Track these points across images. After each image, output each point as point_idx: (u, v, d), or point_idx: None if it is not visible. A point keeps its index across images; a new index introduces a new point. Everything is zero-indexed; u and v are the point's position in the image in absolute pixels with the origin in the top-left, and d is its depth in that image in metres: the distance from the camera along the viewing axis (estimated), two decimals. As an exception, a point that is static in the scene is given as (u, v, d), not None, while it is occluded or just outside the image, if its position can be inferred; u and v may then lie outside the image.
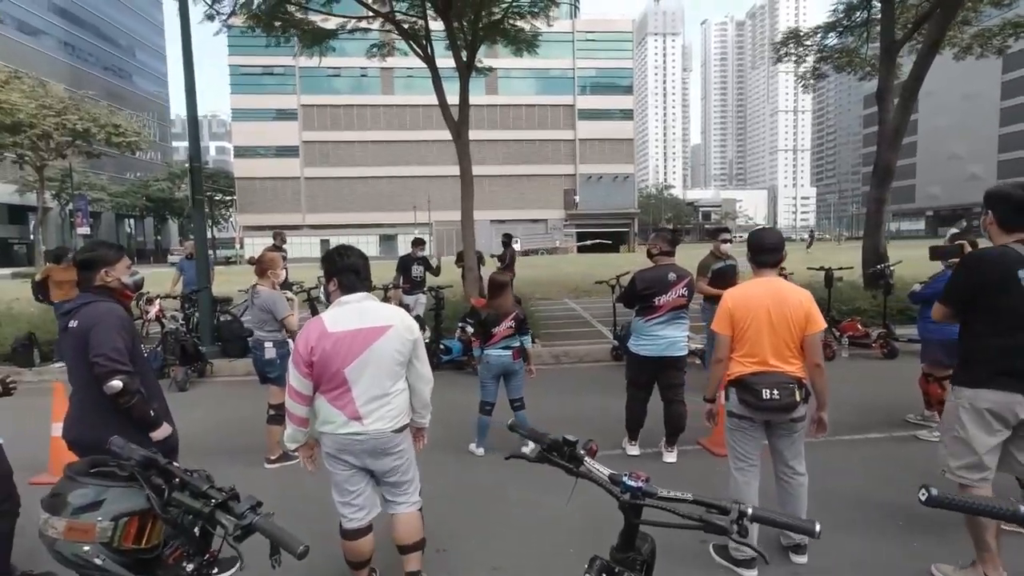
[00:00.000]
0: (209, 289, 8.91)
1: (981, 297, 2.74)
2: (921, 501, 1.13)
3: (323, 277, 2.78)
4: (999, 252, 2.72)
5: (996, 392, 2.65)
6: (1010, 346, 2.64)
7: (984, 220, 2.84)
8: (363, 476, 2.68)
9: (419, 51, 10.68)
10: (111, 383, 2.38)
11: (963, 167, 67.85)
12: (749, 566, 2.99)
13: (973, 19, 11.39)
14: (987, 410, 2.66)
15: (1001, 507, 1.08)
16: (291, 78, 55.06)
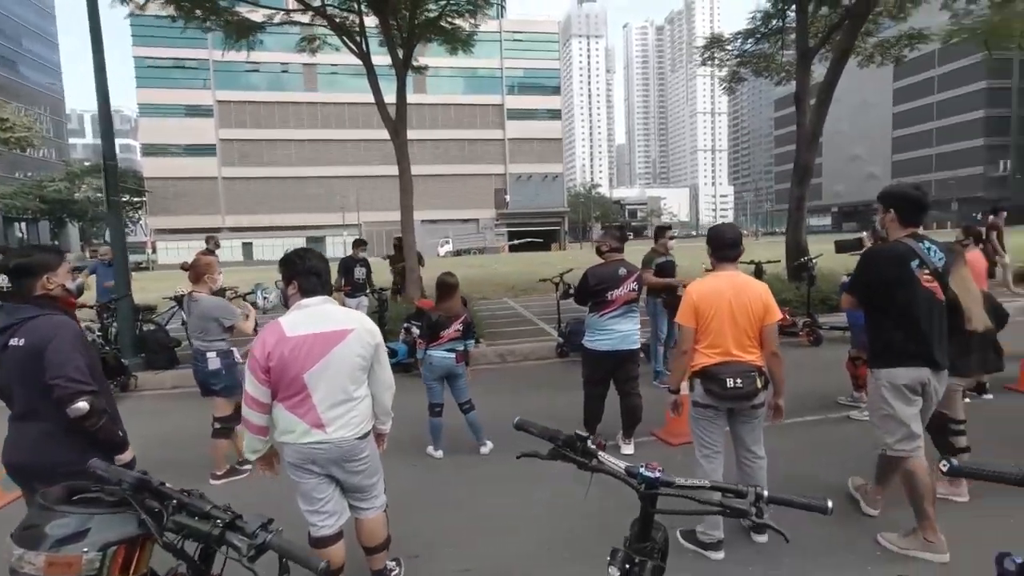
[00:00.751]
0: (130, 297, 8.30)
1: (882, 288, 3.10)
2: (943, 472, 1.23)
3: (281, 281, 2.68)
4: (894, 247, 3.09)
5: (907, 369, 3.05)
6: (911, 331, 3.03)
7: (884, 217, 3.18)
8: (330, 482, 2.60)
9: (353, 47, 10.38)
10: (76, 406, 2.11)
11: (862, 167, 73.60)
12: (716, 548, 3.12)
13: (874, 30, 12.36)
14: (904, 385, 3.05)
15: (1009, 473, 1.20)
16: (204, 72, 52.02)
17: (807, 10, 10.79)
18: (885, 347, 3.14)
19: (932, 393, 3.09)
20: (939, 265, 3.07)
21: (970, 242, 5.94)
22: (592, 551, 3.29)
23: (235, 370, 4.40)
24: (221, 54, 11.25)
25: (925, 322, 3.03)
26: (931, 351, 3.04)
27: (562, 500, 3.91)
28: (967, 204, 59.37)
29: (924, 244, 3.07)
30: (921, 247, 3.05)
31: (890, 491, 3.39)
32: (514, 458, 4.71)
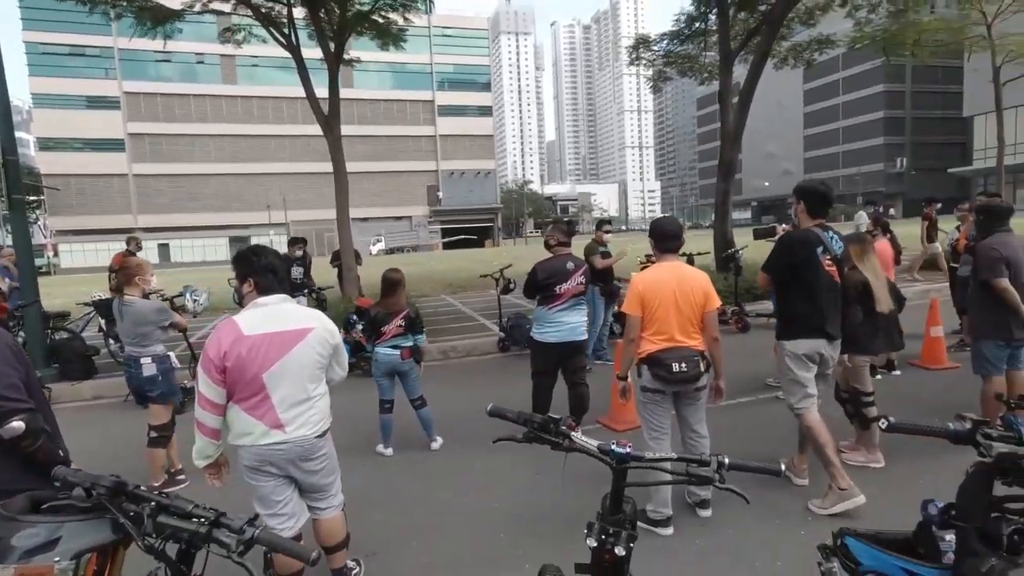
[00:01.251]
0: (38, 303, 7.69)
1: (792, 270, 3.56)
2: (882, 429, 1.39)
3: (235, 279, 2.61)
4: (804, 234, 3.56)
5: (807, 340, 3.54)
6: (814, 308, 3.50)
7: (796, 208, 3.68)
8: (288, 484, 2.56)
9: (281, 40, 10.01)
10: (10, 425, 1.91)
11: (778, 164, 78.05)
12: (666, 525, 3.29)
13: (788, 35, 13.17)
14: (803, 354, 3.55)
15: (939, 428, 1.37)
16: (108, 60, 48.08)
17: (728, 14, 11.36)
18: (790, 321, 3.64)
19: (828, 359, 3.61)
20: (838, 252, 3.56)
21: (879, 233, 6.48)
22: (549, 536, 3.42)
23: (171, 375, 4.21)
24: (128, 41, 10.50)
25: (824, 300, 3.50)
26: (827, 325, 3.52)
27: (516, 491, 4.00)
28: (870, 196, 64.20)
29: (828, 233, 3.55)
30: (826, 236, 3.52)
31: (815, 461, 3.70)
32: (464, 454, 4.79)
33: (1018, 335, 4.02)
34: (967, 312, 4.81)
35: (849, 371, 4.07)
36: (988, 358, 4.10)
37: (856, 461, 4.01)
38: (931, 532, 1.40)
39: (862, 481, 3.50)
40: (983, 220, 4.32)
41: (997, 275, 3.97)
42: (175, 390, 4.36)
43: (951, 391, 5.39)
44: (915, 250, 13.23)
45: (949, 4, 15.27)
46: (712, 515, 3.44)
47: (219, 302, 10.31)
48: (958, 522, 1.33)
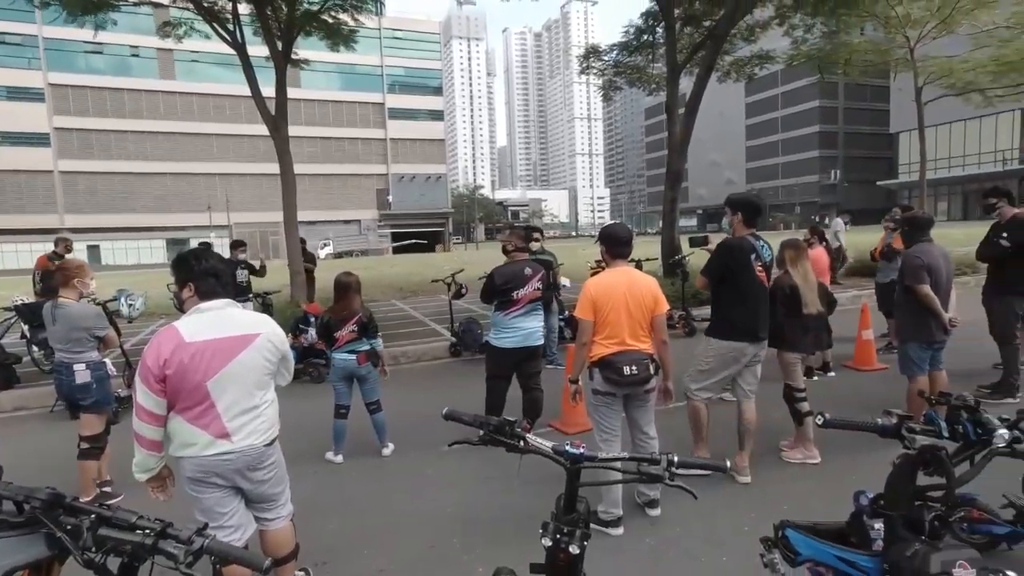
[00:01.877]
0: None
1: (728, 275, 3.86)
2: (818, 424, 1.47)
3: (174, 284, 2.50)
4: (740, 242, 3.85)
5: (735, 343, 3.84)
6: (744, 311, 3.81)
7: (732, 218, 3.94)
8: (234, 495, 2.47)
9: (225, 36, 9.69)
10: None
11: (721, 173, 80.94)
12: (616, 525, 3.36)
13: (730, 50, 13.73)
14: (728, 355, 3.87)
15: (869, 423, 1.47)
16: (32, 50, 44.81)
17: (674, 28, 11.74)
18: (721, 321, 3.95)
19: (752, 359, 3.92)
20: (768, 259, 3.90)
21: (815, 240, 6.83)
22: (503, 539, 3.43)
23: (106, 383, 3.99)
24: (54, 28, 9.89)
25: (754, 303, 3.82)
26: (756, 327, 3.85)
27: (468, 495, 4.00)
28: (807, 207, 67.48)
29: (760, 242, 3.87)
30: (757, 244, 3.84)
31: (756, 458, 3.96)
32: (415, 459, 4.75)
33: (938, 337, 4.34)
34: (893, 316, 5.13)
35: (782, 368, 4.29)
36: (913, 359, 4.40)
37: (794, 459, 4.21)
38: (862, 521, 1.50)
39: (802, 475, 3.69)
40: (907, 231, 4.64)
41: (920, 281, 4.27)
42: (109, 399, 4.14)
43: (881, 390, 5.71)
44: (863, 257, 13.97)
45: (877, 28, 16.25)
46: (661, 514, 3.54)
47: (155, 307, 9.86)
48: (886, 511, 1.43)
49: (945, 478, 1.33)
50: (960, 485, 1.34)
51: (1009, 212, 5.14)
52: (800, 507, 3.47)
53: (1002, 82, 15.64)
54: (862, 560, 1.45)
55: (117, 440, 4.32)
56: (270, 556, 2.60)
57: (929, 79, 16.12)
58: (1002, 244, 5.07)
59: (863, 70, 18.02)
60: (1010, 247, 5.04)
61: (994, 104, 17.18)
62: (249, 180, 49.78)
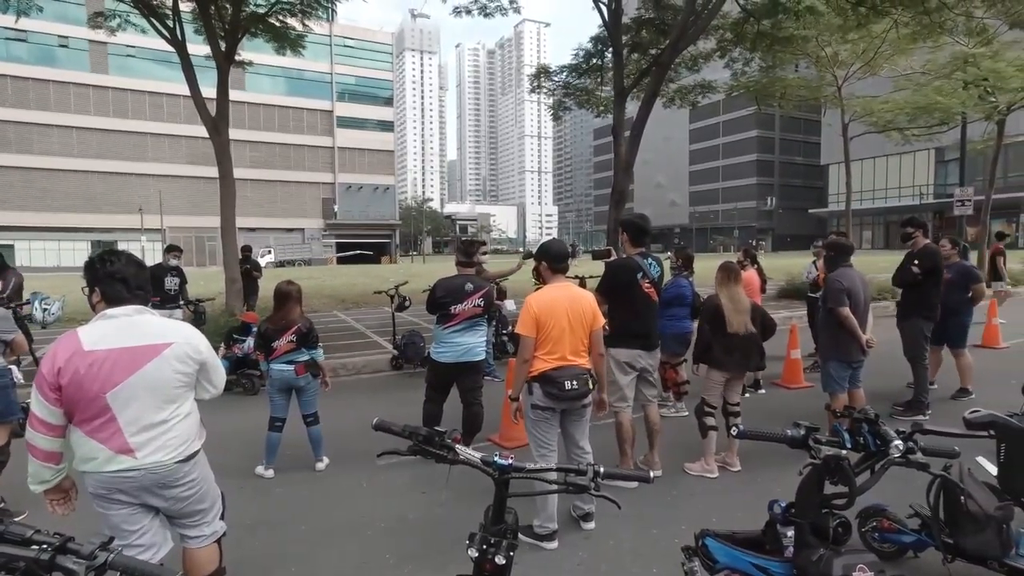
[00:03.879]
0: None
1: (618, 290, 4.18)
2: (733, 435, 1.53)
3: (86, 287, 2.33)
4: (626, 261, 4.20)
5: (627, 350, 4.18)
6: (633, 321, 4.15)
7: (621, 238, 4.31)
8: (145, 512, 2.31)
9: (164, 33, 9.32)
10: None
11: (665, 194, 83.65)
12: (551, 539, 3.38)
13: (675, 78, 14.30)
14: (624, 362, 4.18)
15: (778, 434, 1.54)
16: None
17: (622, 54, 12.14)
18: (615, 333, 4.19)
19: (647, 367, 4.26)
20: (655, 276, 4.22)
21: (747, 263, 7.14)
22: (436, 553, 3.39)
23: (10, 391, 3.71)
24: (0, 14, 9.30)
25: (644, 315, 4.18)
26: (645, 337, 4.20)
27: (402, 509, 3.93)
28: (745, 231, 70.61)
29: (648, 260, 4.20)
30: (644, 262, 4.16)
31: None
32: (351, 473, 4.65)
33: (856, 357, 4.62)
34: (817, 337, 5.40)
35: (702, 382, 4.48)
36: (833, 376, 4.66)
37: (693, 471, 4.38)
38: (776, 529, 1.57)
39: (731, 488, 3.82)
40: (832, 256, 4.93)
41: (840, 304, 4.54)
42: (14, 408, 3.84)
43: (806, 406, 5.98)
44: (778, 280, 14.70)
45: (809, 66, 17.32)
46: (594, 528, 3.58)
47: (75, 312, 9.26)
48: (796, 519, 1.50)
49: (847, 486, 1.42)
50: (861, 493, 1.43)
51: (922, 242, 5.56)
52: (728, 518, 3.58)
53: (917, 123, 16.94)
54: (774, 566, 1.51)
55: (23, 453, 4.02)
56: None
57: (854, 116, 17.29)
58: (913, 271, 5.47)
59: (796, 104, 19.16)
60: (920, 274, 5.44)
61: (912, 142, 18.59)
62: (185, 183, 47.72)
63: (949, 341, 6.05)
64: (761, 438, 1.62)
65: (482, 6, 12.16)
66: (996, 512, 2.78)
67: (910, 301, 5.68)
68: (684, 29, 10.15)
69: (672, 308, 5.51)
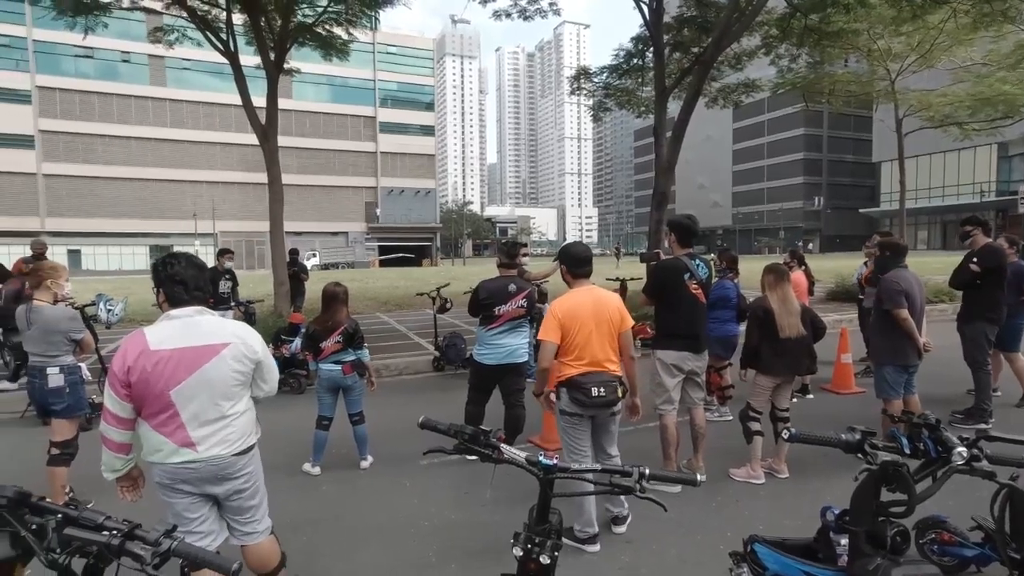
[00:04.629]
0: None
1: (665, 291, 4.15)
2: (784, 439, 1.50)
3: (154, 288, 2.47)
4: (673, 262, 4.16)
5: (674, 352, 4.12)
6: (681, 323, 4.09)
7: (669, 239, 4.28)
8: (205, 501, 2.43)
9: (218, 45, 9.71)
10: None
11: (708, 195, 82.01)
12: (593, 542, 3.36)
13: (718, 76, 14.01)
14: (672, 364, 4.12)
15: (833, 438, 1.50)
16: (20, 51, 44.38)
17: (663, 53, 11.97)
18: (662, 335, 4.20)
19: (695, 369, 4.19)
20: (703, 278, 4.13)
21: (794, 264, 6.94)
22: (479, 552, 3.41)
23: (80, 388, 3.92)
24: (42, 30, 9.87)
25: (689, 318, 4.09)
26: (693, 339, 4.12)
27: (446, 508, 3.97)
28: (791, 232, 68.58)
29: (695, 261, 4.13)
30: (692, 263, 4.10)
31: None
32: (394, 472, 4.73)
33: (913, 361, 4.43)
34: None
35: (748, 387, 4.38)
36: (888, 382, 4.48)
37: (739, 477, 4.29)
38: (828, 537, 1.52)
39: (778, 494, 3.72)
40: (886, 256, 4.73)
41: (899, 306, 4.37)
42: (83, 404, 4.07)
43: (857, 413, 5.77)
44: (827, 282, 14.21)
45: (860, 60, 16.70)
46: (637, 533, 3.54)
47: (136, 313, 9.73)
48: (850, 527, 1.45)
49: (906, 494, 1.36)
50: (921, 501, 1.38)
51: (981, 241, 5.28)
52: (775, 526, 3.49)
53: (978, 116, 16.11)
54: (827, 575, 1.47)
55: (90, 446, 4.25)
56: (256, 572, 2.58)
57: (909, 111, 16.58)
58: (972, 268, 5.20)
59: (846, 100, 18.48)
60: (980, 271, 5.17)
61: (971, 137, 17.67)
62: (236, 189, 49.53)
63: (1001, 344, 5.73)
64: (814, 442, 1.57)
65: (521, 9, 12.18)
66: (1069, 527, 2.62)
67: (972, 303, 5.41)
68: (727, 26, 9.93)
69: (716, 310, 5.41)
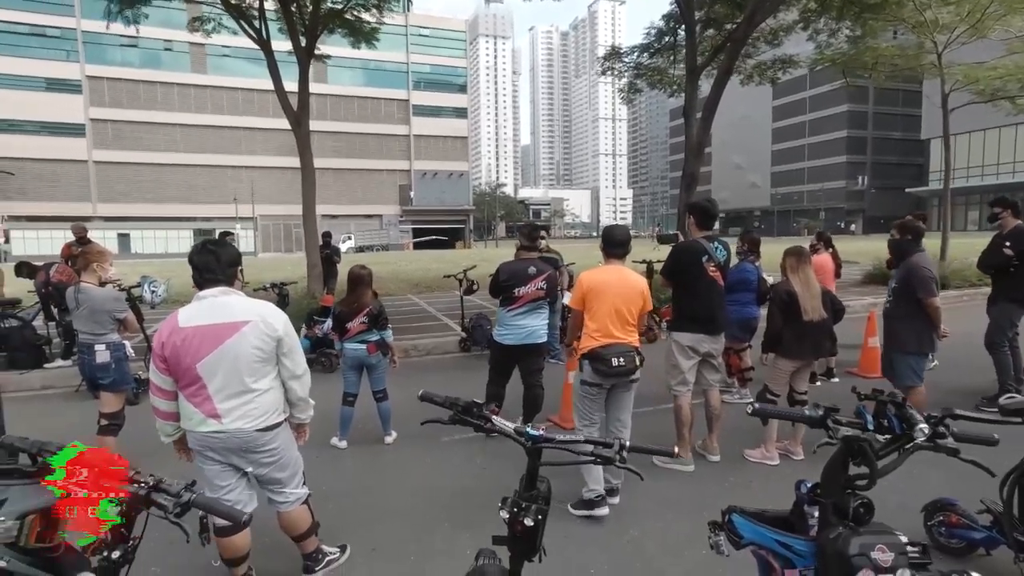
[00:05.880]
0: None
1: (682, 273, 4.17)
2: (748, 413, 1.58)
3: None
4: (691, 244, 4.18)
5: (690, 334, 4.15)
6: (697, 305, 4.12)
7: (688, 222, 4.30)
8: (233, 472, 2.64)
9: (251, 32, 9.97)
10: None
11: (745, 176, 79.91)
12: (601, 504, 3.54)
13: (753, 53, 13.63)
14: (687, 346, 4.15)
15: (797, 413, 1.57)
16: (70, 43, 46.09)
17: (695, 31, 11.72)
18: (678, 316, 4.24)
19: (711, 351, 4.22)
20: (721, 260, 4.15)
21: (821, 247, 6.82)
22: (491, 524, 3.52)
23: (124, 363, 4.22)
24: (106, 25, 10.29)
25: (707, 300, 4.12)
26: (710, 321, 4.15)
27: (463, 482, 4.15)
28: (832, 213, 66.45)
29: (714, 244, 4.15)
30: (710, 246, 4.12)
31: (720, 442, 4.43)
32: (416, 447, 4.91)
33: (933, 348, 4.39)
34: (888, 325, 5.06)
35: (767, 370, 4.39)
36: (915, 370, 4.35)
37: (754, 458, 4.35)
38: (802, 509, 1.60)
39: (784, 474, 3.76)
40: (910, 240, 4.50)
41: (933, 294, 4.25)
42: (128, 379, 4.37)
43: (881, 398, 5.72)
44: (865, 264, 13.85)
45: (905, 32, 15.96)
46: (646, 509, 3.65)
47: (179, 295, 10.19)
48: (820, 499, 1.53)
49: (868, 467, 1.43)
50: (883, 475, 1.44)
51: (1011, 223, 5.11)
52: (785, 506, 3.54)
53: (1031, 90, 15.26)
54: (798, 544, 1.55)
55: (135, 419, 4.57)
56: (288, 534, 2.81)
57: (955, 86, 15.80)
58: (1005, 252, 5.06)
59: (890, 75, 17.71)
60: (1013, 256, 5.02)
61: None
62: (275, 173, 50.63)
63: None
64: (778, 417, 1.65)
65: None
66: (1077, 511, 2.62)
67: (1001, 286, 5.27)
68: (760, 1, 9.67)
69: (736, 293, 5.42)
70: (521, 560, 1.64)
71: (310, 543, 2.92)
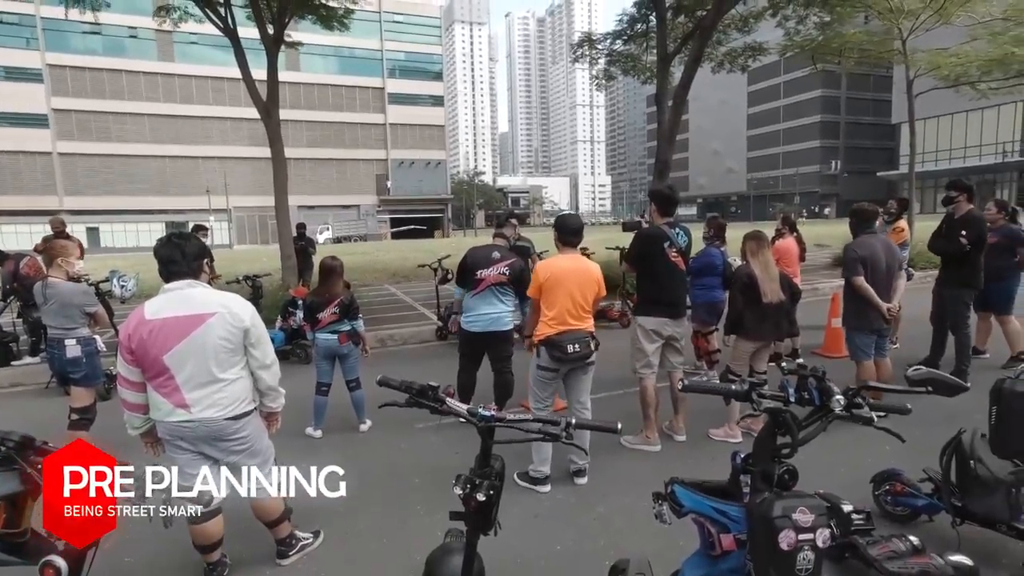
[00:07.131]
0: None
1: (645, 259, 4.30)
2: (679, 389, 1.69)
3: None
4: (653, 230, 4.32)
5: (653, 318, 4.28)
6: (660, 290, 4.26)
7: (650, 208, 4.44)
8: (203, 460, 2.67)
9: (216, 21, 9.78)
10: None
11: (722, 162, 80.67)
12: (544, 483, 3.75)
13: (724, 40, 13.75)
14: (651, 329, 4.28)
15: (723, 388, 1.69)
16: (29, 29, 44.52)
17: (666, 18, 11.78)
18: (643, 301, 4.39)
19: (674, 335, 4.35)
20: (682, 245, 4.30)
21: (786, 231, 7.01)
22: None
23: (95, 358, 4.22)
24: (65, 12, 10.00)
25: (668, 284, 4.26)
26: (672, 305, 4.29)
27: (437, 469, 4.24)
28: (807, 197, 67.48)
29: (675, 230, 4.29)
30: (671, 232, 4.26)
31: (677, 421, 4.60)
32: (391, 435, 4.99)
33: (877, 325, 4.59)
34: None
35: (729, 350, 4.57)
36: (858, 345, 4.65)
37: (717, 436, 4.54)
38: (737, 477, 1.72)
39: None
40: (854, 223, 4.77)
41: (855, 273, 4.53)
42: (99, 373, 4.37)
43: (845, 377, 5.89)
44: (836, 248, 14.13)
45: (873, 18, 16.22)
46: (614, 487, 3.81)
47: (150, 288, 10.04)
48: (751, 468, 1.65)
49: (790, 436, 1.55)
50: (803, 443, 1.56)
51: (965, 207, 5.30)
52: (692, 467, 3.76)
53: (991, 77, 15.67)
54: (732, 510, 1.67)
55: (105, 414, 4.56)
56: (260, 520, 2.87)
57: (919, 71, 16.15)
58: (962, 242, 5.20)
59: (858, 60, 18.03)
60: (969, 245, 5.19)
61: (988, 97, 17.18)
62: (248, 163, 49.75)
63: (994, 307, 5.81)
64: (706, 391, 1.76)
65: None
66: (1007, 476, 2.80)
67: (954, 269, 5.47)
68: (728, -11, 9.76)
69: (703, 277, 5.58)
70: (477, 534, 1.74)
71: (283, 528, 2.99)
